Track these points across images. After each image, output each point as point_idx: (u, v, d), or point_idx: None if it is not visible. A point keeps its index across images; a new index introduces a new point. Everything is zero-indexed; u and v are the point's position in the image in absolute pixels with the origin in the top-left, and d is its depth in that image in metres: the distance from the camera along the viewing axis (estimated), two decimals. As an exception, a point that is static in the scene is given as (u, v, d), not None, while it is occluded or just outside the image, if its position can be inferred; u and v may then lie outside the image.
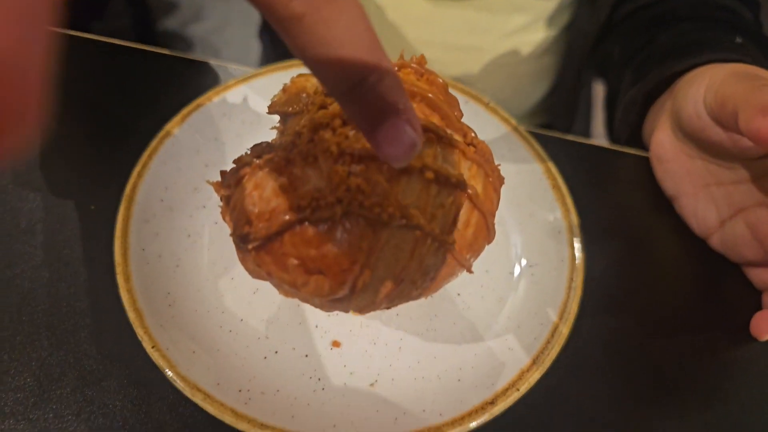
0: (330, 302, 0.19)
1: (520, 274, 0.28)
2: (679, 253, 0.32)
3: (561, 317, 0.25)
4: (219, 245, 0.29)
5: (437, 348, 0.26)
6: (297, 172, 0.17)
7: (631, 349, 0.28)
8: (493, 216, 0.21)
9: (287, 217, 0.17)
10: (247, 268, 0.21)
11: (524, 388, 0.23)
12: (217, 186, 0.21)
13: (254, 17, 0.69)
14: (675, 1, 0.42)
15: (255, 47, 0.69)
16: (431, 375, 0.25)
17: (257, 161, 0.19)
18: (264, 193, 0.18)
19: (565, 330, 0.25)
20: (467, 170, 0.19)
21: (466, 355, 0.26)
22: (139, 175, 0.29)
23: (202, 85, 0.36)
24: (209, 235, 0.29)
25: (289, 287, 0.19)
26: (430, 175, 0.18)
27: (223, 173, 0.21)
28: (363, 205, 0.17)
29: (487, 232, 0.20)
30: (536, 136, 0.34)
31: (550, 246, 0.28)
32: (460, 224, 0.19)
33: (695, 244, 0.32)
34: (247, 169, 0.19)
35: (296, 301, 0.27)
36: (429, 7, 0.48)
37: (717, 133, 0.29)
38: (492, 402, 0.23)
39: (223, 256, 0.28)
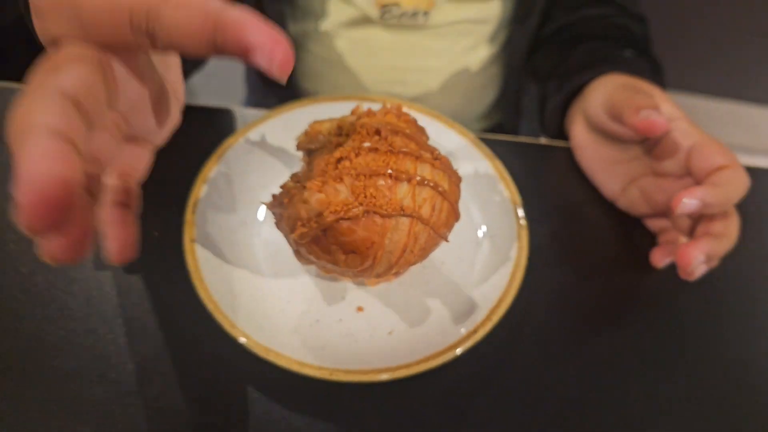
0: (359, 272, 0.29)
1: (483, 242, 0.39)
2: (600, 217, 0.43)
3: (515, 269, 0.36)
4: (264, 251, 0.38)
5: (433, 302, 0.36)
6: (331, 189, 0.27)
7: (569, 290, 0.39)
8: (457, 203, 0.31)
9: (329, 219, 0.27)
10: (299, 258, 0.30)
11: (495, 318, 0.34)
12: (271, 205, 0.31)
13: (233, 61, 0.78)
14: (584, 24, 0.55)
15: (236, 87, 0.78)
16: (431, 321, 0.35)
17: (299, 184, 0.29)
18: (310, 205, 0.28)
19: (518, 277, 0.36)
20: (436, 176, 0.30)
21: (454, 305, 0.36)
22: (194, 205, 0.38)
23: (210, 127, 0.45)
24: (256, 245, 0.38)
25: (332, 265, 0.29)
26: (414, 182, 0.28)
27: (274, 196, 0.31)
28: (375, 205, 0.27)
29: (454, 214, 0.31)
30: (486, 141, 0.44)
31: (504, 221, 0.39)
32: (436, 210, 0.29)
33: (610, 210, 0.44)
34: (293, 191, 0.29)
35: (328, 283, 0.37)
36: (389, 37, 0.58)
37: (613, 126, 0.40)
38: (474, 331, 0.33)
39: (268, 259, 0.38)
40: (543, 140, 0.50)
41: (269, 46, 0.18)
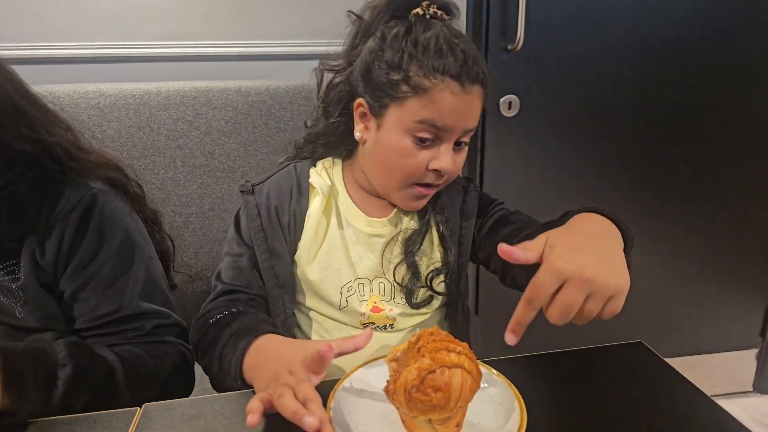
0: (442, 406, 0.56)
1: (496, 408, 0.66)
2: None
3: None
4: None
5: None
6: (419, 361, 0.58)
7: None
8: (479, 383, 0.60)
9: (423, 374, 0.56)
10: (407, 412, 0.57)
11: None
12: (388, 383, 0.59)
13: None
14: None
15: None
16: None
17: (400, 367, 0.59)
18: (412, 371, 0.57)
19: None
20: (466, 354, 0.61)
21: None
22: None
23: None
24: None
25: (428, 407, 0.56)
26: (458, 351, 0.59)
27: (387, 381, 0.59)
28: (443, 362, 0.57)
29: (480, 376, 0.60)
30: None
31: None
32: (471, 369, 0.59)
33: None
34: (399, 371, 0.58)
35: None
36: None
37: None
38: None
39: None
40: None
41: None
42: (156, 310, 0.89)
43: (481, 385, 0.61)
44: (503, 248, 0.57)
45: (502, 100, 1.63)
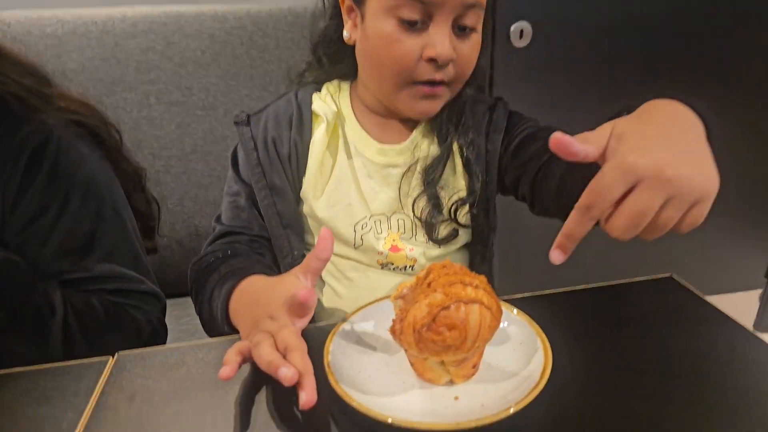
0: (459, 346, 0.48)
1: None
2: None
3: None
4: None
5: (496, 386, 0.53)
6: (431, 296, 0.49)
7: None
8: (499, 321, 0.52)
9: (435, 310, 0.48)
10: (418, 353, 0.49)
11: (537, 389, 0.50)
12: (394, 323, 0.51)
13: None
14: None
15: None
16: (477, 405, 0.51)
17: (408, 304, 0.50)
18: (422, 308, 0.49)
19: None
20: (483, 287, 0.52)
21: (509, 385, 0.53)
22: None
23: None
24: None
25: (441, 347, 0.48)
26: (475, 285, 0.50)
27: (393, 320, 0.51)
28: (458, 297, 0.48)
29: (500, 311, 0.52)
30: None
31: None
32: (490, 304, 0.51)
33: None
34: (407, 308, 0.50)
35: (431, 390, 0.53)
36: (385, 277, 0.85)
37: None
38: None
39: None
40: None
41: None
42: (122, 273, 0.76)
43: (501, 324, 0.53)
44: (557, 138, 0.44)
45: (513, 28, 1.48)
